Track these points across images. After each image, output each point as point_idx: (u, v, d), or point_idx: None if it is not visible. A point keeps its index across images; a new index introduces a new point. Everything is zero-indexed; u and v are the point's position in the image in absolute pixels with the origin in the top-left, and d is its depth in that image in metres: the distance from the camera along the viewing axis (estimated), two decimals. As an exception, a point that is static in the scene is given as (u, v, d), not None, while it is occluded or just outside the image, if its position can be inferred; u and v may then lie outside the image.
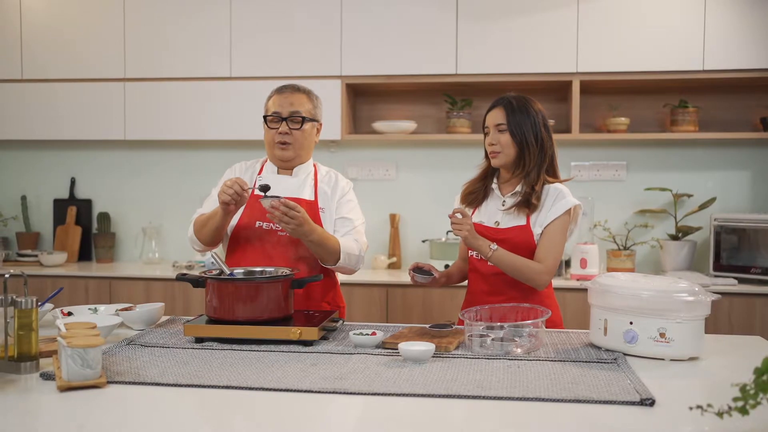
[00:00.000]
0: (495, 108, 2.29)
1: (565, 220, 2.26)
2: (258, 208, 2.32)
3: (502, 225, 2.28)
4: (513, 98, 2.28)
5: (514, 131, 2.24)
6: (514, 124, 2.24)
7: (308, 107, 2.41)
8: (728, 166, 3.83)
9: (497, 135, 2.26)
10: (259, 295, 1.99)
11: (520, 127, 2.24)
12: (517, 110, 2.25)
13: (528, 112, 2.25)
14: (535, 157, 2.25)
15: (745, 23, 3.48)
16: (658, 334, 1.81)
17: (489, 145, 2.29)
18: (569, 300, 3.34)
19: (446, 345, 1.87)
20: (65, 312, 2.20)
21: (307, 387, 1.54)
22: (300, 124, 2.38)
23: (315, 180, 2.46)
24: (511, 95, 2.30)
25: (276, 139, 2.38)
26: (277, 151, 2.40)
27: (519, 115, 2.24)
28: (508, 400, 1.47)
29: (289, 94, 2.40)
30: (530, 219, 2.25)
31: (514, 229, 2.25)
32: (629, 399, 1.46)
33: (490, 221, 2.32)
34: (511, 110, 2.25)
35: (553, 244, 2.23)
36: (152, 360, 1.77)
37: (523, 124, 2.24)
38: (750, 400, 1.16)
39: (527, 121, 2.24)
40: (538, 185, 2.24)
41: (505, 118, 2.25)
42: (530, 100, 2.29)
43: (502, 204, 2.31)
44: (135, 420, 1.36)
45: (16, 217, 4.30)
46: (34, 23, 3.98)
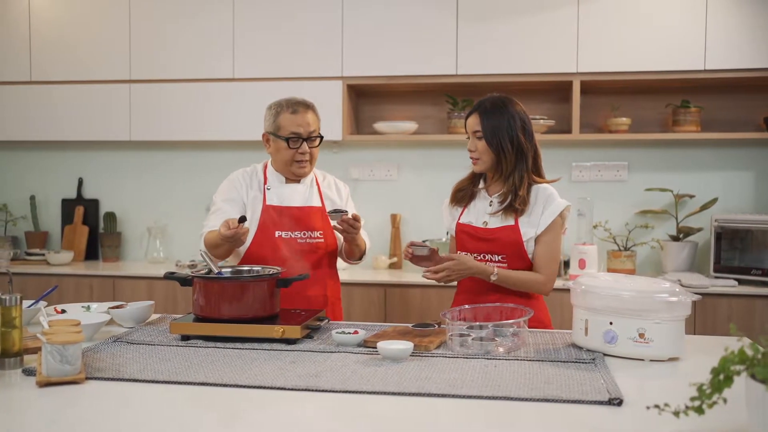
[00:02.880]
0: (472, 114, 2.29)
1: (558, 223, 2.28)
2: (274, 219, 2.47)
3: (490, 225, 2.29)
4: (489, 103, 2.27)
5: (489, 138, 2.23)
6: (489, 131, 2.23)
7: (318, 123, 2.54)
8: (731, 167, 3.80)
9: (475, 141, 2.27)
10: (244, 294, 2.02)
11: (495, 133, 2.23)
12: (493, 116, 2.23)
13: (503, 117, 2.23)
14: (512, 161, 2.25)
15: (746, 22, 3.45)
16: (638, 334, 1.81)
17: (469, 151, 2.30)
18: (567, 301, 3.32)
19: (426, 344, 1.89)
20: (59, 310, 2.24)
21: (281, 384, 1.56)
22: (318, 142, 2.51)
23: (318, 186, 2.60)
24: (489, 99, 2.29)
25: (296, 158, 2.48)
26: (297, 170, 2.51)
27: (494, 120, 2.23)
28: (477, 399, 1.48)
29: (303, 113, 2.48)
30: (519, 220, 2.25)
31: (503, 230, 2.26)
32: (598, 399, 1.47)
33: (478, 221, 2.33)
34: (486, 116, 2.24)
35: (551, 251, 2.25)
36: (135, 357, 1.81)
37: (498, 130, 2.23)
38: (706, 399, 1.16)
39: (502, 126, 2.23)
40: (522, 189, 2.24)
41: (480, 124, 2.25)
42: (508, 103, 2.27)
43: (489, 204, 2.32)
44: (107, 415, 1.39)
45: (25, 217, 4.38)
46: (42, 27, 4.05)
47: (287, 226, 2.48)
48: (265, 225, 2.47)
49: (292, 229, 2.48)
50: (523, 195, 2.23)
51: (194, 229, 4.18)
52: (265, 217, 2.47)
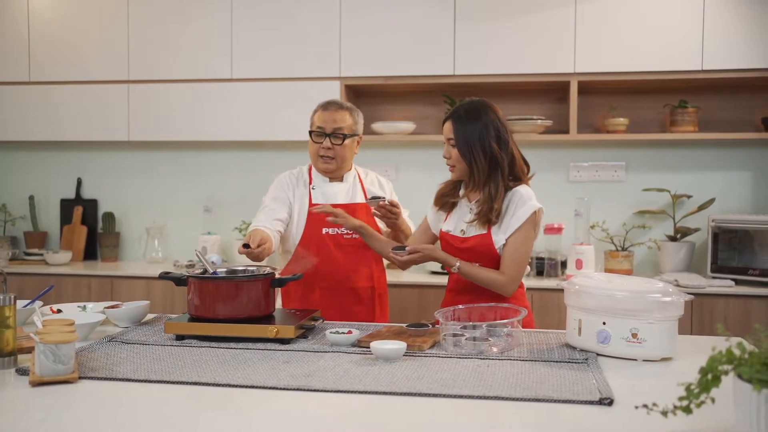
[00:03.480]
0: (447, 121, 2.27)
1: (528, 226, 2.24)
2: (319, 218, 2.54)
3: (467, 234, 2.29)
4: (464, 110, 2.25)
5: (462, 147, 2.22)
6: (461, 139, 2.22)
7: (349, 123, 2.62)
8: (728, 167, 3.80)
9: (449, 149, 2.27)
10: (238, 294, 2.03)
11: (467, 142, 2.21)
12: (466, 124, 2.21)
13: (476, 125, 2.21)
14: (485, 171, 2.22)
15: (744, 23, 3.45)
16: (630, 334, 1.81)
17: (444, 157, 2.30)
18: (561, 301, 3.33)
19: (420, 344, 1.89)
20: (54, 309, 2.25)
21: (273, 384, 1.57)
22: (342, 140, 2.60)
23: (361, 183, 2.73)
24: (464, 106, 2.27)
25: (320, 153, 2.61)
26: (321, 164, 2.63)
27: (467, 129, 2.21)
28: (469, 399, 1.48)
29: (333, 111, 2.61)
30: (491, 229, 2.24)
31: (476, 238, 2.26)
32: (588, 398, 1.47)
33: (456, 230, 2.33)
34: (459, 124, 2.23)
35: (517, 253, 2.22)
36: (129, 356, 1.81)
37: (470, 138, 2.21)
38: (694, 399, 1.17)
39: (474, 135, 2.20)
40: (497, 201, 2.21)
41: (454, 132, 2.24)
42: (482, 110, 2.23)
43: (469, 211, 2.31)
44: (98, 415, 1.39)
45: (24, 217, 4.39)
46: (41, 28, 4.06)
47: (333, 223, 2.51)
48: (312, 223, 2.59)
49: (338, 226, 2.55)
50: (498, 207, 2.21)
51: (193, 229, 4.22)
52: (311, 215, 2.59)
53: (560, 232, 3.59)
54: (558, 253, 3.58)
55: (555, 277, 3.53)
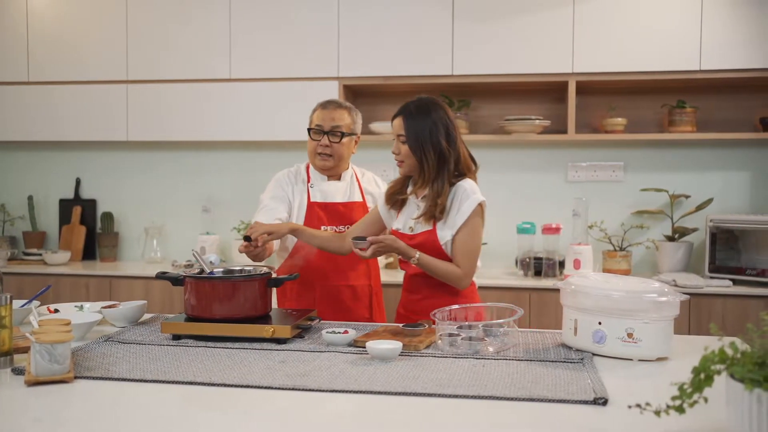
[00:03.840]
0: (397, 117, 2.29)
1: (475, 219, 2.25)
2: (319, 215, 2.60)
3: (415, 230, 2.31)
4: (414, 107, 2.27)
5: (412, 144, 2.24)
6: (412, 135, 2.24)
7: (348, 122, 2.64)
8: (727, 167, 3.80)
9: (399, 145, 2.28)
10: (235, 294, 2.03)
11: (417, 138, 2.23)
12: (416, 120, 2.24)
13: (427, 122, 2.23)
14: (434, 167, 2.25)
15: (742, 23, 3.45)
16: (626, 334, 1.81)
17: (393, 153, 2.31)
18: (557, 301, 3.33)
19: (416, 344, 1.89)
20: (52, 309, 2.25)
21: (268, 384, 1.57)
22: (339, 138, 2.61)
23: (358, 182, 2.74)
24: (415, 102, 2.28)
25: (317, 150, 2.63)
26: (318, 161, 2.64)
27: (417, 125, 2.23)
28: (463, 398, 1.48)
29: (332, 110, 2.63)
30: (437, 225, 2.27)
31: (423, 234, 2.28)
32: (583, 398, 1.47)
33: (405, 227, 2.35)
34: (410, 121, 2.25)
35: (468, 246, 2.25)
36: (125, 356, 1.82)
37: (420, 134, 2.23)
38: (687, 399, 1.17)
39: (425, 131, 2.23)
40: (442, 198, 2.24)
41: (404, 129, 2.25)
42: (432, 107, 2.26)
43: (417, 208, 2.34)
44: (94, 414, 1.40)
45: (23, 217, 4.40)
46: (40, 28, 4.06)
47: (332, 221, 2.60)
48: (310, 221, 2.60)
49: (336, 224, 2.61)
50: (442, 203, 2.24)
51: (191, 229, 4.22)
52: (310, 213, 2.61)
53: (558, 232, 3.59)
54: (556, 253, 3.58)
55: (553, 277, 3.53)
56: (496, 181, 4.00)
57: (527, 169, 3.98)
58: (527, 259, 3.61)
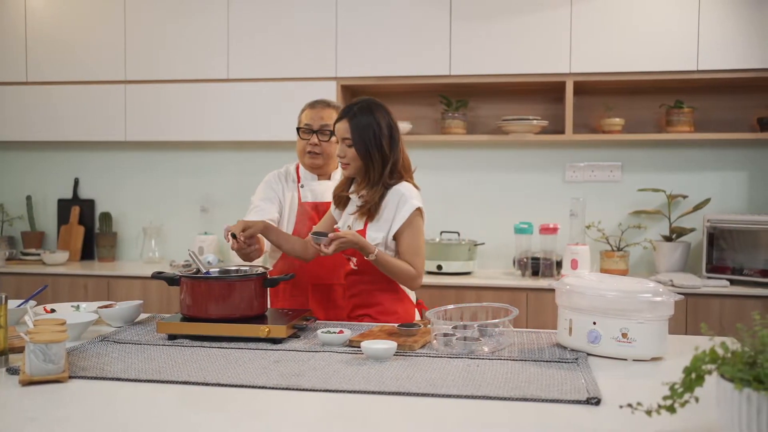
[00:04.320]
0: (342, 120, 2.30)
1: (417, 220, 2.29)
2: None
3: (353, 229, 2.34)
4: (358, 109, 2.28)
5: (358, 146, 2.26)
6: (358, 139, 2.26)
7: None
8: (724, 167, 3.81)
9: (344, 148, 2.29)
10: (231, 293, 2.03)
11: (364, 142, 2.26)
12: (361, 124, 2.25)
13: (372, 124, 2.26)
14: (379, 168, 2.28)
15: (739, 23, 3.45)
16: (621, 334, 1.81)
17: (338, 156, 2.32)
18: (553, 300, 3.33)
19: (411, 344, 1.89)
20: (48, 309, 2.26)
21: (263, 383, 1.57)
22: (328, 136, 2.60)
23: None
24: (358, 105, 2.29)
25: (306, 149, 2.62)
26: (307, 160, 2.63)
27: (362, 129, 2.25)
28: (457, 398, 1.49)
29: (321, 109, 2.63)
30: (368, 225, 2.30)
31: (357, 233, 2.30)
32: (576, 398, 1.47)
33: (344, 226, 2.38)
34: (355, 125, 2.26)
35: (415, 247, 2.29)
36: (120, 356, 1.82)
37: (366, 138, 2.25)
38: (678, 398, 1.17)
39: (370, 133, 2.25)
40: (378, 197, 2.28)
41: (350, 133, 2.27)
42: (376, 110, 2.29)
43: (356, 207, 2.36)
44: (87, 413, 1.40)
45: (22, 217, 4.40)
46: (38, 28, 4.06)
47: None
48: (302, 221, 2.60)
49: None
50: (377, 204, 2.28)
51: (189, 229, 4.23)
52: (301, 213, 2.61)
53: (556, 232, 3.59)
54: (553, 253, 3.58)
55: (550, 277, 3.54)
56: (493, 181, 4.01)
57: (525, 169, 3.98)
58: (525, 259, 3.61)
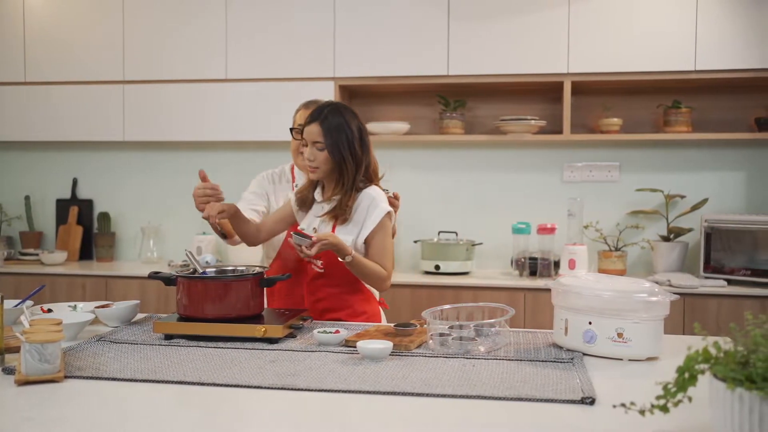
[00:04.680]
0: (313, 123, 2.28)
1: (385, 225, 2.31)
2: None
3: (319, 232, 2.33)
4: (329, 113, 2.28)
5: (332, 151, 2.26)
6: (331, 144, 2.25)
7: None
8: (722, 167, 3.81)
9: (315, 152, 2.28)
10: (227, 293, 2.03)
11: (337, 146, 2.25)
12: (334, 129, 2.25)
13: (344, 129, 2.26)
14: (352, 171, 2.29)
15: (737, 23, 3.46)
16: (616, 334, 1.82)
17: (307, 160, 2.30)
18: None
19: (407, 344, 1.89)
20: (45, 309, 2.26)
21: (258, 383, 1.57)
22: None
23: None
24: (329, 110, 2.29)
25: (300, 149, 2.53)
26: (301, 160, 2.55)
27: (336, 134, 2.25)
28: (452, 398, 1.49)
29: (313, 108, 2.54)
30: (336, 227, 2.30)
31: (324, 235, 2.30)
32: (570, 398, 1.47)
33: (309, 228, 2.37)
34: (328, 129, 2.26)
35: (385, 250, 2.31)
36: (117, 356, 1.82)
37: (339, 143, 2.26)
38: (671, 398, 1.17)
39: (344, 138, 2.26)
40: (351, 200, 2.29)
41: (323, 137, 2.26)
42: (347, 113, 2.30)
43: (321, 209, 2.37)
44: (82, 413, 1.40)
45: (20, 217, 4.40)
46: (37, 28, 4.07)
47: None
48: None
49: None
50: (349, 207, 2.28)
51: (188, 229, 4.23)
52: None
53: (553, 232, 3.60)
54: (551, 253, 3.58)
55: (548, 277, 3.54)
56: (491, 181, 4.01)
57: (523, 169, 3.98)
58: (522, 259, 3.61)
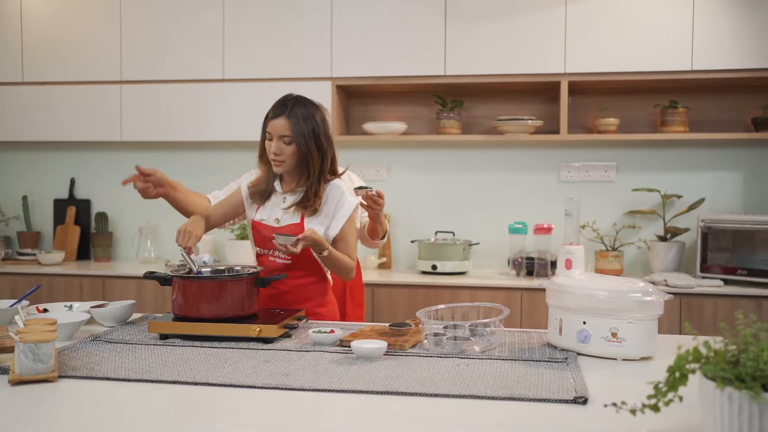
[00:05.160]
0: (279, 117, 2.30)
1: (354, 217, 2.40)
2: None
3: (282, 223, 2.36)
4: (297, 107, 2.30)
5: (302, 144, 2.28)
6: (299, 137, 2.27)
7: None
8: (719, 167, 3.81)
9: (282, 146, 2.29)
10: (222, 293, 2.04)
11: (305, 139, 2.28)
12: (302, 122, 2.28)
13: (311, 122, 2.29)
14: (319, 163, 2.32)
15: (733, 23, 3.46)
16: (610, 333, 1.82)
17: (273, 154, 2.31)
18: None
19: (401, 343, 1.90)
20: (41, 309, 2.26)
21: (251, 383, 1.57)
22: None
23: None
24: (296, 103, 2.31)
25: None
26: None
27: (304, 127, 2.28)
28: (445, 398, 1.49)
29: None
30: (305, 219, 2.34)
31: (290, 227, 2.34)
32: (563, 397, 1.48)
33: (270, 219, 2.38)
34: (296, 122, 2.27)
35: (352, 242, 2.39)
36: (111, 356, 1.82)
37: (307, 136, 2.28)
38: (662, 397, 1.17)
39: (311, 132, 2.29)
40: (320, 191, 2.33)
41: (291, 130, 2.28)
42: (313, 107, 2.33)
43: (282, 201, 2.38)
44: (75, 413, 1.40)
45: (18, 217, 4.40)
46: (35, 28, 4.07)
47: None
48: None
49: None
50: (320, 199, 2.33)
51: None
52: None
53: (550, 232, 3.60)
54: (548, 253, 3.59)
55: (545, 277, 3.54)
56: (488, 181, 4.01)
57: (520, 169, 3.98)
58: (519, 259, 3.61)
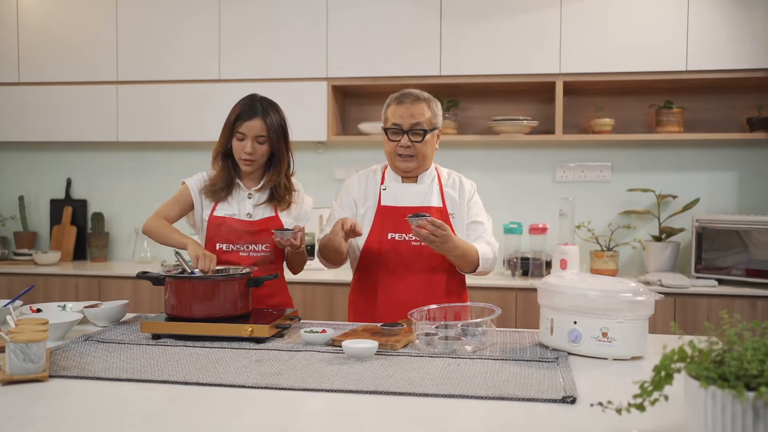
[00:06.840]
0: (255, 119, 2.34)
1: None
2: (388, 221, 2.40)
3: (255, 217, 2.42)
4: (269, 108, 2.38)
5: (276, 143, 2.37)
6: (275, 135, 2.36)
7: (428, 116, 2.37)
8: (714, 167, 3.82)
9: (256, 146, 2.36)
10: (214, 293, 2.04)
11: (278, 138, 2.37)
12: (275, 120, 2.36)
13: (281, 122, 2.39)
14: (287, 161, 2.43)
15: (728, 23, 3.46)
16: (601, 333, 1.82)
17: (246, 153, 2.36)
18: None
19: (393, 343, 1.90)
20: (34, 309, 2.26)
21: (242, 383, 1.58)
22: (422, 136, 2.36)
23: (440, 185, 2.48)
24: (267, 104, 2.38)
25: (397, 152, 2.39)
26: (400, 163, 2.41)
27: (275, 125, 2.36)
28: (434, 397, 1.49)
29: (410, 105, 2.36)
30: (279, 213, 2.44)
31: (267, 221, 2.41)
32: (552, 397, 1.48)
33: (241, 214, 2.42)
34: (270, 122, 2.35)
35: None
36: (103, 355, 1.83)
37: (279, 134, 2.38)
38: (647, 396, 1.18)
39: (282, 131, 2.39)
40: (291, 187, 2.46)
41: (266, 131, 2.35)
42: (278, 108, 2.42)
43: (247, 197, 2.43)
44: (64, 412, 1.40)
45: (14, 217, 4.41)
46: (31, 28, 4.07)
47: (401, 228, 2.37)
48: (381, 224, 2.41)
49: (407, 231, 2.35)
50: (291, 192, 2.45)
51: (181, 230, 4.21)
52: (380, 216, 2.42)
53: (545, 233, 3.60)
54: (543, 253, 3.59)
55: (540, 277, 3.54)
56: (483, 181, 4.00)
57: (515, 169, 3.99)
58: (514, 259, 3.62)
